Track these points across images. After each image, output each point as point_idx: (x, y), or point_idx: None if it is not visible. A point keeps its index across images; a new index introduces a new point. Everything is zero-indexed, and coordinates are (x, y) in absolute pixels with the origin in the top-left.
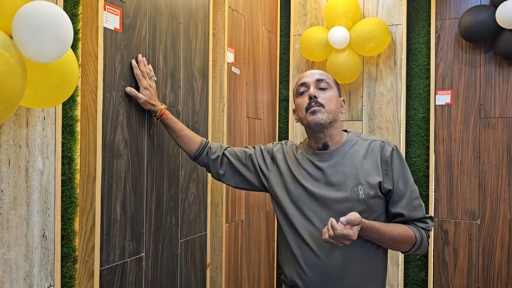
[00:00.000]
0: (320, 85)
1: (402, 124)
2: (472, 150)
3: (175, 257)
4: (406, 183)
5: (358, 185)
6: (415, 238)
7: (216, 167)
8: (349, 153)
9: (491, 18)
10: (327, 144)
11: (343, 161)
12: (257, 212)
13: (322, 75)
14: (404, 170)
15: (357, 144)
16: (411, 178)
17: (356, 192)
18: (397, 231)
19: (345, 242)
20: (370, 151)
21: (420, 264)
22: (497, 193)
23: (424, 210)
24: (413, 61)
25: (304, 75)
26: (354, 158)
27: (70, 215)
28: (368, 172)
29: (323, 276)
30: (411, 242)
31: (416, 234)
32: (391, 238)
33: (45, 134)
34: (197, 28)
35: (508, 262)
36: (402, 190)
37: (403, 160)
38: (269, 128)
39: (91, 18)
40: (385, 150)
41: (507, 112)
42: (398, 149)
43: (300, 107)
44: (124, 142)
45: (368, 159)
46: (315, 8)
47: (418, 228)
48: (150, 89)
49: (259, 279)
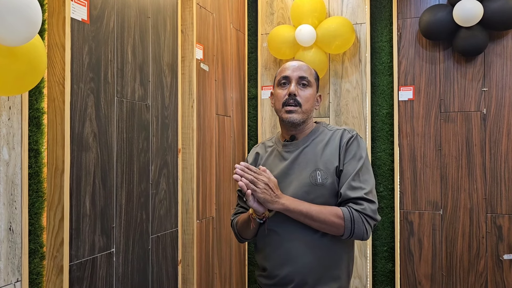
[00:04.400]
0: (301, 82)
1: (368, 120)
2: (434, 143)
3: (146, 253)
4: (354, 165)
5: (316, 170)
6: (343, 219)
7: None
8: (314, 142)
9: (448, 16)
10: (294, 136)
11: (306, 150)
12: (227, 209)
13: (306, 71)
14: (356, 153)
15: (322, 134)
16: (362, 162)
17: (314, 177)
18: (324, 211)
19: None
20: (332, 139)
21: (387, 255)
22: (458, 184)
23: (364, 192)
24: (377, 59)
25: (288, 67)
26: (317, 146)
27: (37, 209)
28: (327, 159)
29: (286, 259)
30: (340, 223)
31: (345, 215)
32: (318, 220)
33: (11, 124)
34: (165, 23)
35: (469, 250)
36: (349, 171)
37: (361, 146)
38: (238, 126)
39: (57, 8)
40: (344, 136)
41: (465, 107)
42: (358, 137)
43: (278, 99)
44: (93, 135)
45: (329, 146)
46: (282, 7)
47: (350, 208)
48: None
49: (230, 276)
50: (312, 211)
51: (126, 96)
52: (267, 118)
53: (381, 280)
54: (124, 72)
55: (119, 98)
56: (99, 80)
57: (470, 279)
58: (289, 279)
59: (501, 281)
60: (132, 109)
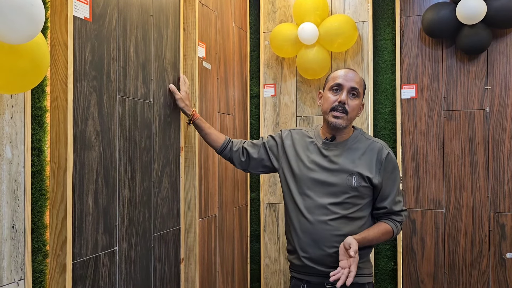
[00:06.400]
0: (352, 92)
1: (370, 118)
2: (437, 141)
3: (149, 252)
4: (394, 182)
5: (352, 175)
6: (392, 232)
7: (239, 157)
8: (352, 148)
9: (451, 14)
10: (334, 137)
11: (344, 153)
12: (230, 207)
13: (357, 83)
14: (394, 171)
15: (359, 141)
16: (399, 179)
17: (350, 181)
18: (381, 233)
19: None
20: (369, 150)
21: (390, 254)
22: (461, 182)
23: (402, 204)
24: (379, 57)
25: (342, 76)
26: (355, 153)
27: (40, 208)
28: (363, 167)
29: (313, 240)
30: (390, 235)
31: (393, 229)
32: (378, 239)
33: (13, 122)
34: (167, 21)
35: (472, 248)
36: (390, 188)
37: (395, 163)
38: (240, 124)
39: (59, 7)
40: (382, 153)
41: (468, 105)
42: (392, 154)
43: (327, 102)
44: (95, 134)
45: (366, 156)
46: (284, 5)
47: (394, 222)
48: (187, 94)
49: (232, 274)
50: (375, 238)
51: (128, 94)
52: (269, 116)
53: (384, 279)
54: (126, 71)
55: (121, 96)
56: (101, 78)
57: (473, 277)
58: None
59: (504, 279)
60: (134, 108)
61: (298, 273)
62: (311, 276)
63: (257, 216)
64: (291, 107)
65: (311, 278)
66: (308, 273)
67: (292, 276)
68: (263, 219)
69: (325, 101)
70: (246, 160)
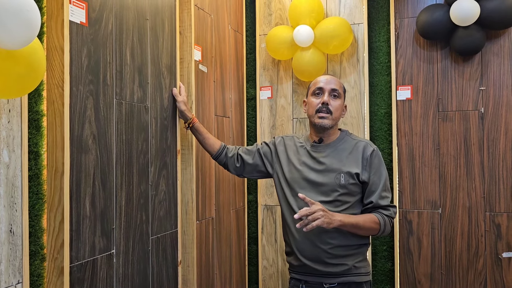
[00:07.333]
0: (333, 93)
1: (366, 120)
2: (432, 142)
3: (146, 254)
4: (380, 177)
5: (340, 173)
6: (379, 223)
7: (233, 163)
8: (339, 148)
9: (445, 16)
10: (322, 139)
11: (332, 154)
12: (227, 209)
13: (337, 85)
14: (380, 167)
15: (346, 142)
16: (385, 174)
17: (338, 179)
18: (366, 218)
19: (316, 218)
20: (355, 149)
21: (387, 254)
22: (456, 183)
23: (389, 200)
24: (375, 59)
25: (322, 80)
26: (342, 153)
27: (37, 211)
28: (350, 165)
29: (308, 239)
30: (377, 226)
31: (380, 220)
32: (363, 223)
33: (10, 127)
34: (163, 25)
35: (468, 248)
36: (376, 183)
37: (381, 159)
38: (237, 127)
39: (56, 11)
40: (367, 150)
41: (463, 106)
42: (378, 150)
43: (311, 106)
44: (92, 137)
45: (352, 154)
46: (280, 8)
47: (382, 214)
48: (186, 99)
49: (230, 276)
50: (360, 222)
51: (125, 98)
52: (265, 119)
53: (381, 279)
54: (123, 74)
55: (118, 100)
56: (98, 82)
57: (469, 277)
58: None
59: (500, 279)
60: (131, 111)
61: (296, 274)
62: (310, 276)
63: (254, 218)
64: (287, 109)
65: (310, 278)
66: (306, 273)
67: (291, 277)
68: (260, 221)
69: (309, 106)
70: (241, 166)
